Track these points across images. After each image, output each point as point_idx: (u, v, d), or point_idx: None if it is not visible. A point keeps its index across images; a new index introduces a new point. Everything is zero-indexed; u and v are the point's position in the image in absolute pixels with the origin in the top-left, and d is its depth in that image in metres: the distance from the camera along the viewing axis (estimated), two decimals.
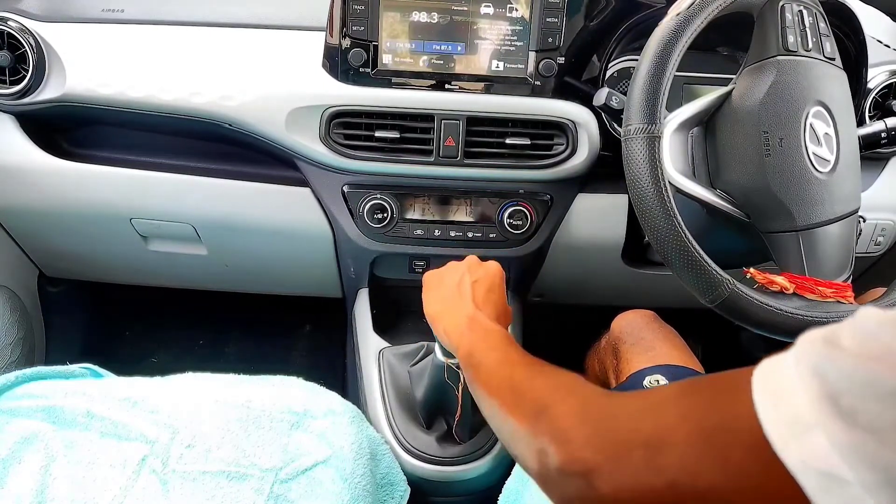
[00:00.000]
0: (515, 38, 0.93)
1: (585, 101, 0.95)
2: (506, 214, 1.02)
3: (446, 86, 0.95)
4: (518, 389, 0.54)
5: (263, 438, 0.79)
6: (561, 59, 0.94)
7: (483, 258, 0.81)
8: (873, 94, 1.02)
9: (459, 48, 0.93)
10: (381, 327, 1.09)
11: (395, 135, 0.95)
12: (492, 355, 0.62)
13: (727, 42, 1.00)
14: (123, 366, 1.00)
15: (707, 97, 0.79)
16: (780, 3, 0.76)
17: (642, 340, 0.94)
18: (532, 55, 0.93)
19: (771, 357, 0.37)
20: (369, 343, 1.06)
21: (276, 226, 1.09)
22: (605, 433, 0.44)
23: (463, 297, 0.73)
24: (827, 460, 0.32)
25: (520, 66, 0.94)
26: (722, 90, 0.79)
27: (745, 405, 0.36)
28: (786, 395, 0.34)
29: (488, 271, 0.77)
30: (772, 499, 0.35)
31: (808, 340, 0.36)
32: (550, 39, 0.93)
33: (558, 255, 1.11)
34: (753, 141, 0.75)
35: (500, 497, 0.85)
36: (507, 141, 0.96)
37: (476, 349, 0.64)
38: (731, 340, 1.53)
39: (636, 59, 0.77)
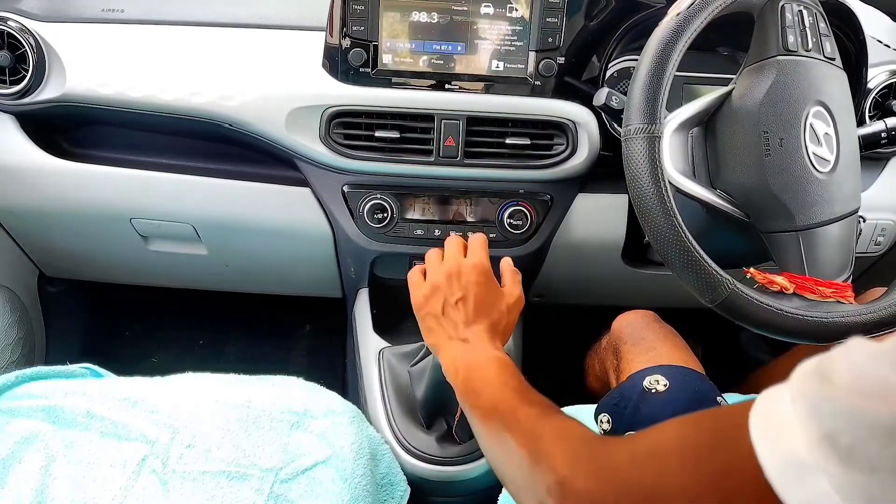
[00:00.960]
0: (515, 38, 0.93)
1: (585, 101, 0.95)
2: (506, 214, 1.02)
3: (446, 86, 0.95)
4: (516, 431, 0.54)
5: (263, 438, 0.79)
6: (561, 59, 0.94)
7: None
8: (873, 94, 1.02)
9: (459, 48, 0.93)
10: (381, 327, 1.09)
11: (395, 135, 0.95)
12: (487, 393, 0.62)
13: (727, 42, 1.00)
14: (123, 366, 1.00)
15: (707, 97, 0.79)
16: (780, 3, 0.76)
17: (643, 341, 0.94)
18: (532, 55, 0.93)
19: (768, 391, 0.37)
20: (369, 343, 1.06)
21: (276, 226, 1.09)
22: (606, 484, 0.43)
23: (450, 325, 0.73)
24: (829, 503, 0.32)
25: (520, 66, 0.94)
26: (722, 90, 0.79)
27: (745, 447, 0.35)
28: (784, 436, 0.34)
29: (469, 282, 0.75)
30: None
31: (802, 374, 0.35)
32: (550, 39, 0.93)
33: (558, 255, 1.11)
34: (753, 141, 0.75)
35: (500, 497, 0.85)
36: (507, 141, 0.96)
37: (469, 387, 0.65)
38: (731, 340, 1.53)
39: (636, 59, 0.77)
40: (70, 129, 1.08)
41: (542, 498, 0.46)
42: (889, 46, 1.08)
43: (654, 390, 0.82)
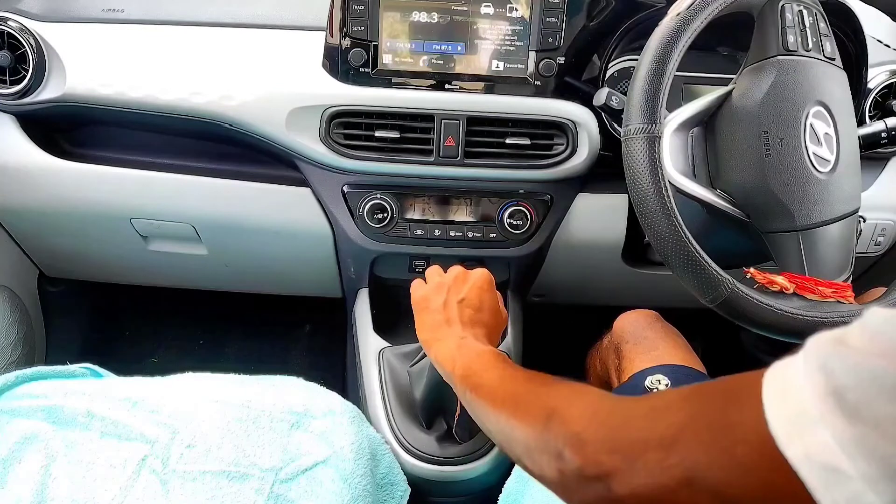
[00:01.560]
0: (515, 38, 0.93)
1: (585, 101, 0.95)
2: (506, 214, 1.02)
3: (446, 86, 0.95)
4: (525, 399, 0.54)
5: (263, 438, 0.79)
6: (561, 59, 0.94)
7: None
8: (873, 94, 1.02)
9: (459, 48, 0.93)
10: (381, 327, 1.09)
11: (395, 135, 0.95)
12: (491, 373, 0.62)
13: (727, 42, 1.00)
14: (123, 366, 1.00)
15: (707, 97, 0.79)
16: (780, 3, 0.76)
17: (645, 340, 0.94)
18: (532, 55, 0.93)
19: (782, 360, 0.38)
20: (369, 343, 1.06)
21: (276, 226, 1.09)
22: (619, 435, 0.44)
23: (450, 322, 0.73)
24: (829, 454, 0.32)
25: (520, 66, 0.94)
26: (722, 90, 0.79)
27: (754, 402, 0.36)
28: (792, 392, 0.35)
29: (474, 285, 0.77)
30: (778, 495, 0.35)
31: (817, 340, 0.36)
32: (550, 39, 0.93)
33: (558, 255, 1.11)
34: (753, 141, 0.75)
35: (500, 497, 0.85)
36: (508, 141, 0.96)
37: (471, 371, 0.65)
38: (731, 340, 1.53)
39: (636, 59, 0.77)
40: (70, 129, 1.08)
41: (559, 451, 0.46)
42: (889, 46, 1.08)
43: (655, 390, 0.82)
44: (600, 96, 0.85)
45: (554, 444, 0.47)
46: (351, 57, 0.92)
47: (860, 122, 0.97)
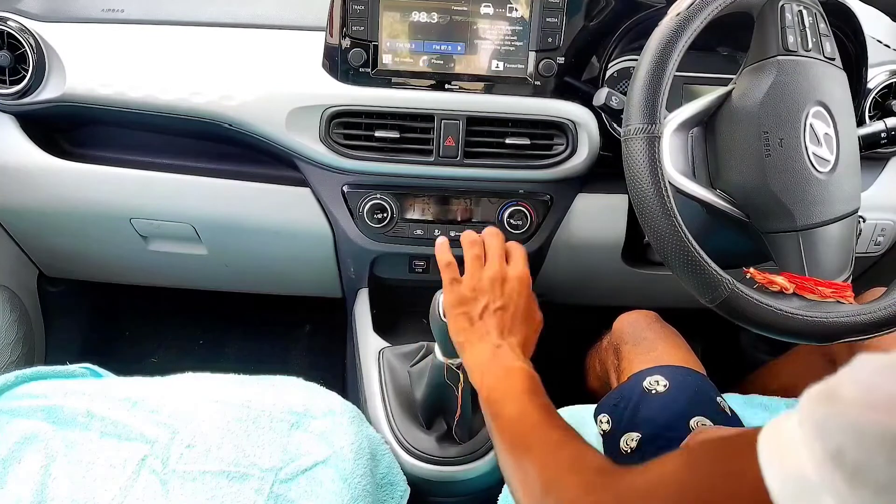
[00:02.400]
0: (515, 38, 0.93)
1: (585, 101, 0.95)
2: (506, 214, 1.02)
3: (446, 86, 0.95)
4: (532, 455, 0.54)
5: (263, 438, 0.79)
6: (561, 59, 0.94)
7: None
8: (873, 94, 1.02)
9: (459, 48, 0.93)
10: (381, 327, 1.09)
11: (395, 135, 0.95)
12: (511, 406, 0.62)
13: (727, 42, 1.00)
14: (123, 366, 1.00)
15: (707, 97, 0.79)
16: (780, 3, 0.76)
17: (644, 341, 0.94)
18: (532, 55, 0.93)
19: (776, 419, 0.37)
20: (369, 343, 1.06)
21: (276, 226, 1.09)
22: None
23: (487, 328, 0.72)
24: None
25: (520, 66, 0.94)
26: (722, 90, 0.79)
27: (752, 469, 0.35)
28: (790, 457, 0.34)
29: (513, 291, 0.74)
30: None
31: (808, 397, 0.35)
32: (550, 39, 0.93)
33: (558, 255, 1.11)
34: (753, 141, 0.75)
35: (500, 497, 0.85)
36: (507, 141, 0.96)
37: (496, 394, 0.65)
38: (731, 341, 1.53)
39: (636, 59, 0.77)
40: (70, 129, 1.08)
41: None
42: (889, 46, 1.08)
43: (654, 391, 0.82)
44: (600, 96, 0.85)
45: None
46: (351, 57, 0.92)
47: (860, 122, 0.97)
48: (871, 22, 0.99)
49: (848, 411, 0.32)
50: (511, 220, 1.02)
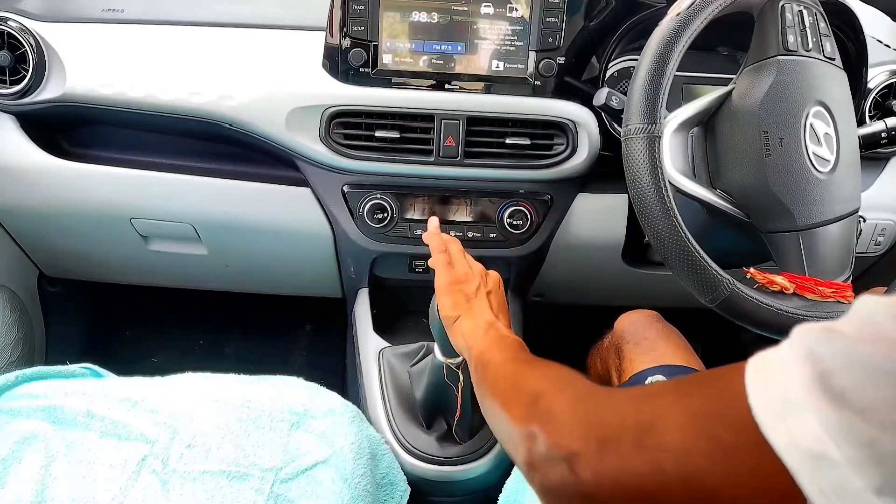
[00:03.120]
0: (515, 38, 0.93)
1: (585, 101, 0.95)
2: (506, 214, 1.02)
3: (446, 86, 0.95)
4: (517, 382, 0.54)
5: (263, 438, 0.79)
6: (561, 59, 0.94)
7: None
8: (873, 94, 1.02)
9: (459, 48, 0.93)
10: (381, 327, 1.09)
11: (395, 135, 0.95)
12: (501, 354, 0.63)
13: (727, 42, 1.00)
14: (123, 366, 1.00)
15: (707, 97, 0.79)
16: (780, 3, 0.76)
17: (645, 340, 0.94)
18: (532, 55, 0.93)
19: (765, 350, 0.37)
20: (369, 343, 1.06)
21: (276, 226, 1.09)
22: (595, 418, 0.43)
23: (483, 306, 0.74)
24: (815, 440, 0.31)
25: (520, 66, 0.94)
26: (722, 90, 0.79)
27: (738, 389, 0.35)
28: (777, 378, 0.34)
29: (497, 283, 0.79)
30: (760, 482, 0.34)
31: (804, 327, 0.36)
32: (550, 39, 0.93)
33: (558, 255, 1.11)
34: (753, 141, 0.75)
35: (500, 497, 0.85)
36: (507, 141, 0.96)
37: (489, 350, 0.65)
38: (731, 340, 1.52)
39: (636, 59, 0.77)
40: (70, 129, 1.08)
41: (532, 431, 0.45)
42: (889, 46, 1.08)
43: None
44: (600, 96, 0.85)
45: (530, 426, 0.46)
46: (351, 57, 0.92)
47: (860, 122, 0.97)
48: (871, 22, 0.99)
49: (842, 340, 0.33)
50: (511, 220, 1.02)
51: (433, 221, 0.87)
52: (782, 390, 0.33)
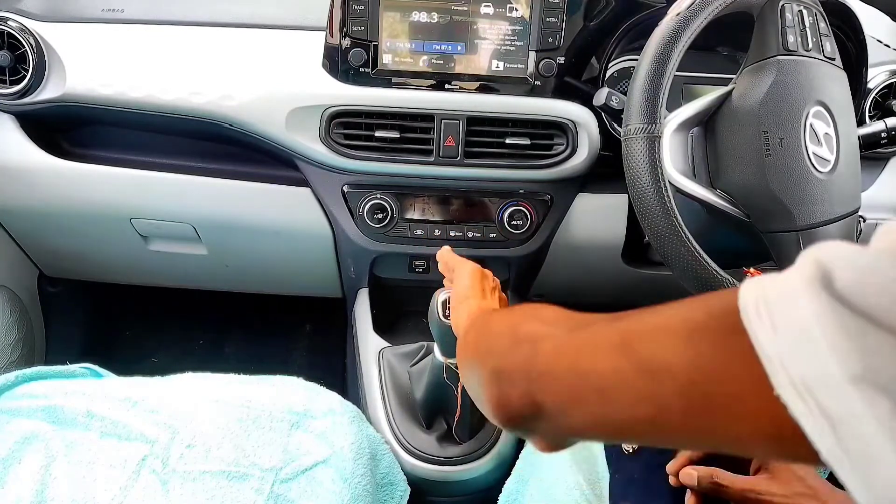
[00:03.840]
0: (515, 38, 0.93)
1: (585, 101, 0.95)
2: (506, 214, 1.02)
3: (446, 86, 0.95)
4: (507, 329, 0.52)
5: (263, 438, 0.79)
6: (561, 59, 0.94)
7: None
8: (873, 94, 1.02)
9: (459, 48, 0.93)
10: (381, 327, 1.09)
11: (395, 135, 0.95)
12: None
13: (727, 42, 1.00)
14: (123, 366, 1.00)
15: (707, 97, 0.79)
16: (780, 3, 0.76)
17: None
18: (532, 55, 0.93)
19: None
20: (369, 343, 1.06)
21: (276, 226, 1.09)
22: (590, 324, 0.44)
23: (495, 301, 0.74)
24: (799, 321, 0.29)
25: (520, 65, 0.94)
26: (722, 90, 0.79)
27: (731, 293, 0.33)
28: (770, 277, 0.32)
29: (497, 287, 0.78)
30: (733, 367, 0.31)
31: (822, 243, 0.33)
32: (550, 39, 0.93)
33: (558, 255, 1.11)
34: (753, 141, 0.75)
35: (500, 497, 0.85)
36: (507, 141, 0.96)
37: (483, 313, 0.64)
38: None
39: (636, 59, 0.77)
40: (70, 129, 1.08)
41: (526, 351, 0.44)
42: (889, 46, 1.08)
43: None
44: (600, 96, 0.85)
45: (524, 345, 0.45)
46: (351, 57, 0.92)
47: (860, 122, 0.97)
48: (871, 22, 0.99)
49: (851, 248, 0.30)
50: (511, 220, 1.02)
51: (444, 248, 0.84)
52: (777, 284, 0.31)
